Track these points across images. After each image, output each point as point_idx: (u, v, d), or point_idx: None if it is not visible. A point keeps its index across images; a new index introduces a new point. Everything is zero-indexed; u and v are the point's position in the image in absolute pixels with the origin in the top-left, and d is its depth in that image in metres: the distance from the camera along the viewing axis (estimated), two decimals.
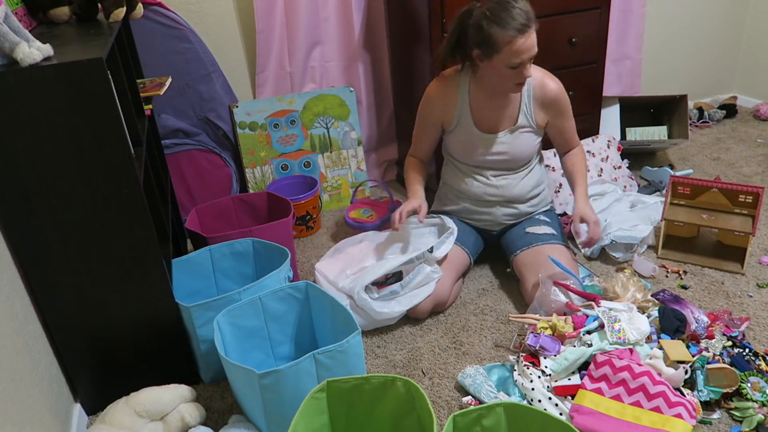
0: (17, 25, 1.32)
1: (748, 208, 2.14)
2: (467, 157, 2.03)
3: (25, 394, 1.32)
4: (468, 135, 2.00)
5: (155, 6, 2.37)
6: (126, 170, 1.45)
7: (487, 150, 1.99)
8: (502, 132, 1.98)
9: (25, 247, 1.45)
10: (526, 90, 1.94)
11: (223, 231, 2.14)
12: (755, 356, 1.61)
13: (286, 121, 2.73)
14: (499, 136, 1.98)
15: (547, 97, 1.95)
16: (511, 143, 1.98)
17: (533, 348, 1.66)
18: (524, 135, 1.99)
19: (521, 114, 1.96)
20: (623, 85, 3.25)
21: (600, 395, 1.49)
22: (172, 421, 1.55)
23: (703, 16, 3.44)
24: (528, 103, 1.96)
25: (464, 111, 1.98)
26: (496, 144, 1.98)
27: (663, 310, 1.68)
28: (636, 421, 1.43)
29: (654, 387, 1.45)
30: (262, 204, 2.36)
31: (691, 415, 1.40)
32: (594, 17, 2.49)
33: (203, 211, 2.29)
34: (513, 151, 1.99)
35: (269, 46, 2.61)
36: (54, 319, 1.55)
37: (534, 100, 1.96)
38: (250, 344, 1.70)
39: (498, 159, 2.01)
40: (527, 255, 2.00)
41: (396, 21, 2.62)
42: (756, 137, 3.22)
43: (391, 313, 1.89)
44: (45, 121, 1.34)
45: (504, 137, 1.98)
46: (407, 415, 1.32)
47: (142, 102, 1.99)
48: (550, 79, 1.96)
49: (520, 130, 1.98)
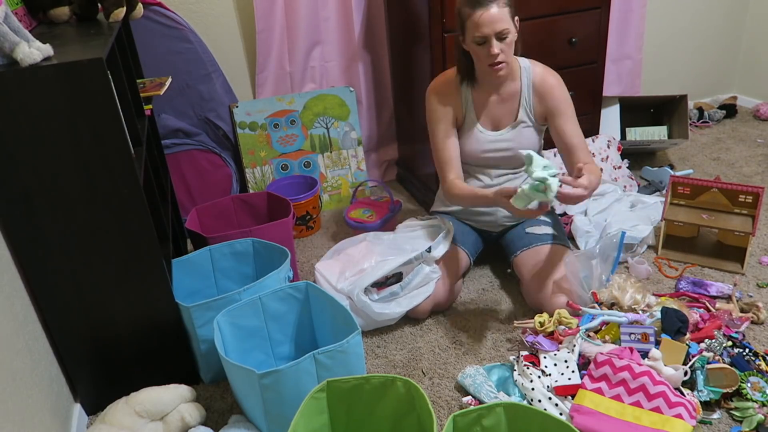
0: (17, 25, 1.32)
1: (748, 208, 2.14)
2: (472, 155, 2.02)
3: (25, 394, 1.32)
4: (472, 132, 1.99)
5: (155, 6, 2.37)
6: (126, 170, 1.45)
7: (491, 147, 1.99)
8: (505, 129, 1.98)
9: (25, 247, 1.45)
10: (525, 84, 1.94)
11: (223, 231, 2.14)
12: (755, 356, 1.61)
13: (286, 121, 2.73)
14: (502, 133, 1.98)
15: (544, 87, 1.94)
16: (514, 139, 1.98)
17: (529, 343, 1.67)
18: (526, 131, 1.98)
19: (521, 108, 1.96)
20: (623, 85, 3.25)
21: (600, 395, 1.49)
22: (172, 421, 1.55)
23: (703, 16, 3.44)
24: (528, 96, 1.96)
25: (469, 108, 1.98)
26: (500, 141, 1.98)
27: (665, 311, 1.68)
28: (636, 421, 1.43)
29: (654, 387, 1.45)
30: (262, 204, 2.36)
31: (691, 416, 1.40)
32: (594, 17, 2.49)
33: (203, 211, 2.29)
34: (516, 148, 1.98)
35: (269, 46, 2.61)
36: (54, 319, 1.55)
37: (534, 94, 1.95)
38: (250, 344, 1.70)
39: (502, 156, 2.00)
40: (527, 256, 2.00)
41: (396, 21, 2.62)
42: (756, 137, 3.22)
43: (391, 314, 1.89)
44: (45, 121, 1.34)
45: (507, 134, 1.98)
46: (407, 415, 1.32)
47: (142, 102, 1.99)
48: (550, 74, 1.95)
49: (522, 125, 1.97)
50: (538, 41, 2.42)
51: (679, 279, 2.04)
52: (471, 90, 1.97)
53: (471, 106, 1.98)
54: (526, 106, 1.96)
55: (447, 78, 1.99)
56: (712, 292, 1.96)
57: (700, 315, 1.78)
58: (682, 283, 2.02)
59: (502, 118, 1.98)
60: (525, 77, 1.94)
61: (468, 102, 1.98)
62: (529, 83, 1.95)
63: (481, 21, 1.74)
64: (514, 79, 1.95)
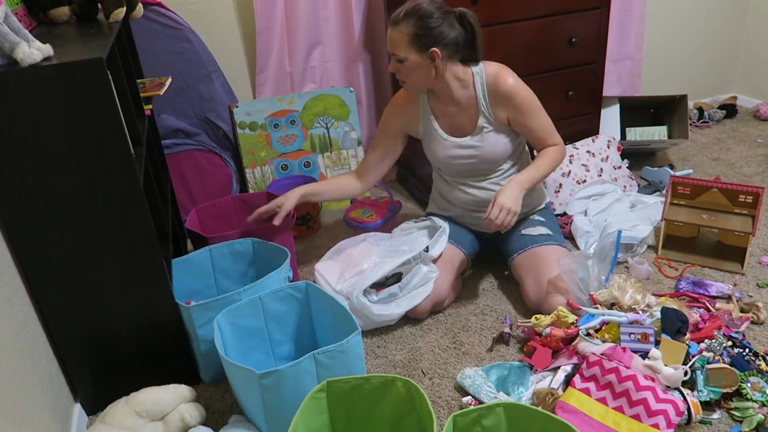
0: (17, 25, 1.32)
1: (748, 208, 2.14)
2: (443, 163, 2.02)
3: (25, 394, 1.32)
4: (437, 139, 2.00)
5: (155, 6, 2.37)
6: (126, 170, 1.44)
7: (456, 153, 1.98)
8: (469, 136, 1.96)
9: (25, 247, 1.45)
10: (480, 89, 1.90)
11: (223, 231, 2.14)
12: (755, 356, 1.61)
13: (286, 121, 2.73)
14: (467, 139, 1.96)
15: (500, 92, 1.88)
16: (478, 146, 1.95)
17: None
18: (490, 135, 1.94)
19: (480, 116, 1.93)
20: (623, 85, 3.25)
21: (587, 395, 1.49)
22: (172, 421, 1.55)
23: (703, 16, 3.44)
24: (484, 101, 1.91)
25: (428, 118, 1.98)
26: (464, 147, 1.97)
27: (665, 311, 1.68)
28: (615, 426, 1.43)
29: (637, 393, 1.44)
30: (262, 204, 2.36)
31: (670, 424, 1.40)
32: (594, 17, 2.49)
33: (203, 211, 2.29)
34: (483, 154, 1.95)
35: (269, 46, 2.61)
36: (54, 319, 1.55)
37: (490, 97, 1.90)
38: (250, 344, 1.70)
39: (470, 163, 1.98)
40: (524, 258, 1.99)
41: None
42: (756, 137, 3.22)
43: (391, 316, 1.89)
44: (45, 121, 1.34)
45: (470, 140, 1.96)
46: (407, 415, 1.32)
47: (142, 102, 1.99)
48: (505, 72, 1.88)
49: (485, 131, 1.94)
50: (538, 41, 2.42)
51: (679, 279, 2.05)
52: (428, 98, 1.98)
53: (429, 114, 1.98)
54: (485, 111, 1.92)
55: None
56: (712, 292, 1.96)
57: (700, 315, 1.78)
58: (682, 283, 2.02)
59: (463, 125, 1.96)
60: (479, 82, 1.90)
61: (426, 110, 1.98)
62: (484, 88, 1.90)
63: (387, 36, 1.83)
64: (467, 87, 1.91)
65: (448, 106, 1.95)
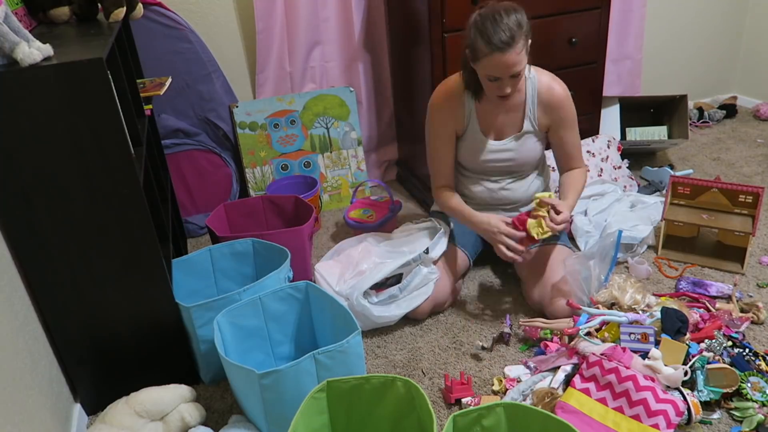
0: (17, 25, 1.32)
1: (748, 208, 2.14)
2: (474, 163, 2.00)
3: (25, 394, 1.32)
4: (475, 141, 1.97)
5: (155, 6, 2.37)
6: (126, 170, 1.45)
7: (493, 157, 1.97)
8: (508, 138, 1.95)
9: (25, 247, 1.45)
10: (530, 94, 1.92)
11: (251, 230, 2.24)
12: (755, 356, 1.61)
13: (286, 121, 2.73)
14: (505, 142, 1.95)
15: (552, 100, 1.91)
16: (517, 150, 1.96)
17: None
18: (530, 141, 1.96)
19: (526, 119, 1.94)
20: (623, 85, 3.25)
21: (587, 396, 1.49)
22: (172, 421, 1.55)
23: (703, 16, 3.44)
24: (532, 107, 1.92)
25: (472, 117, 1.95)
26: (502, 151, 1.96)
27: (665, 311, 1.68)
28: (615, 427, 1.43)
29: (637, 393, 1.44)
30: (289, 206, 2.40)
31: (670, 424, 1.40)
32: (594, 17, 2.49)
33: (231, 207, 2.35)
34: (519, 158, 1.97)
35: (269, 46, 2.61)
36: (54, 319, 1.55)
37: (539, 104, 1.92)
38: (250, 344, 1.70)
39: (505, 165, 1.99)
40: (529, 257, 1.99)
41: (396, 21, 2.62)
42: (756, 137, 3.22)
43: (391, 317, 1.89)
44: (45, 121, 1.34)
45: (510, 143, 1.95)
46: (407, 415, 1.32)
47: (142, 102, 1.99)
48: (557, 84, 1.92)
49: (526, 136, 1.95)
50: (538, 41, 2.41)
51: (679, 279, 2.04)
52: (475, 100, 1.93)
53: (474, 116, 1.95)
54: (531, 116, 1.93)
55: (448, 88, 1.94)
56: (712, 292, 1.96)
57: (700, 315, 1.78)
58: (682, 283, 2.02)
59: (505, 128, 1.95)
60: (530, 88, 1.91)
61: (471, 112, 1.94)
62: (534, 94, 1.91)
63: (499, 64, 1.70)
64: (519, 90, 1.91)
65: (496, 107, 1.92)
